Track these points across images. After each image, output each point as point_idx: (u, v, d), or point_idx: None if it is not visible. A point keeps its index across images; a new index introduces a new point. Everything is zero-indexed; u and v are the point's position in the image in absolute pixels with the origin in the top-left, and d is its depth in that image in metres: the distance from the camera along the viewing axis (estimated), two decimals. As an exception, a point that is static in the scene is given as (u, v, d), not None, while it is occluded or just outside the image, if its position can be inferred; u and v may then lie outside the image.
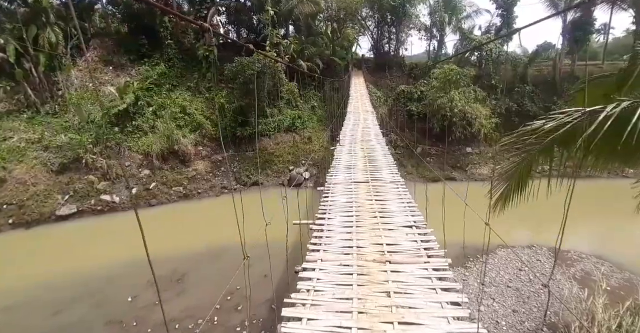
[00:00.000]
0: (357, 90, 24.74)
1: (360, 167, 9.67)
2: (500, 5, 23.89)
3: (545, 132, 4.20)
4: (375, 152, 11.39)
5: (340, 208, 6.73)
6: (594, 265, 11.02)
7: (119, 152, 19.10)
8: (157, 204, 17.58)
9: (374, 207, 6.73)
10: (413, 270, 4.49)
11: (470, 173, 20.89)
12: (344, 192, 7.66)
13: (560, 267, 11.02)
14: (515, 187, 4.86)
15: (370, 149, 11.83)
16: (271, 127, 21.77)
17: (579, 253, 11.88)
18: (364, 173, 9.06)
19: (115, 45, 23.99)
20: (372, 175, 8.83)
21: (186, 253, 12.61)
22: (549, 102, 23.60)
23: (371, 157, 10.69)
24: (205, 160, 20.05)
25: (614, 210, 17.05)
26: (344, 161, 10.46)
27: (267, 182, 20.01)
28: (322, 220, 6.25)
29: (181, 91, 22.55)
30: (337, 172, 9.29)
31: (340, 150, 11.87)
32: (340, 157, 10.98)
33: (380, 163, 10.05)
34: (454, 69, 20.61)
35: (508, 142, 4.84)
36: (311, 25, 25.35)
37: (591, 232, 14.05)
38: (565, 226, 2.91)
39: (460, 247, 12.42)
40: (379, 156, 10.89)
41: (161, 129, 19.28)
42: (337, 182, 8.44)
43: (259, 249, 6.02)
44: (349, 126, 16.29)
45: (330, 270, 4.53)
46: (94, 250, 13.25)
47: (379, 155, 11.04)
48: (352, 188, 7.89)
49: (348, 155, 11.15)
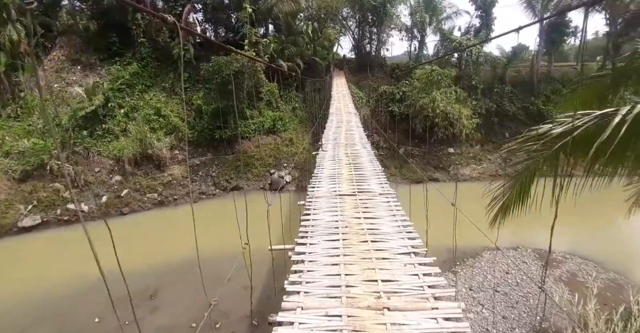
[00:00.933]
0: (339, 91, 24.35)
1: (345, 177, 8.86)
2: (479, 7, 24.13)
3: (552, 137, 3.84)
4: (361, 158, 10.70)
5: (324, 230, 5.81)
6: (578, 266, 11.02)
7: (88, 157, 17.97)
8: (130, 212, 16.58)
9: (364, 227, 5.82)
10: (419, 320, 3.51)
11: (453, 173, 20.87)
12: (327, 207, 6.81)
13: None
14: (516, 197, 4.50)
15: (355, 155, 11.15)
16: (251, 129, 21.09)
17: (563, 253, 11.88)
18: (350, 183, 8.26)
19: (84, 43, 22.68)
20: (359, 186, 8.03)
21: (160, 266, 11.82)
22: (527, 103, 24.01)
23: (357, 165, 9.93)
24: (182, 165, 19.14)
25: (595, 209, 17.37)
26: (327, 169, 9.67)
27: (248, 187, 19.31)
28: (302, 246, 5.29)
29: (155, 92, 21.52)
30: (320, 183, 8.42)
31: (323, 156, 11.08)
32: (322, 164, 10.22)
33: (367, 171, 9.30)
34: (435, 69, 20.57)
35: (510, 149, 4.48)
36: (291, 24, 24.81)
37: (573, 232, 14.14)
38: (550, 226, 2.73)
39: (446, 250, 12.24)
40: (365, 162, 10.18)
41: (134, 132, 18.26)
42: (319, 195, 7.53)
43: (240, 259, 5.60)
44: (332, 129, 15.64)
45: (313, 324, 3.51)
46: (60, 265, 12.25)
47: (365, 161, 10.36)
48: (337, 202, 7.02)
49: (331, 162, 10.35)
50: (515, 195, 4.49)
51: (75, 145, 17.87)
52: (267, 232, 5.92)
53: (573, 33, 24.93)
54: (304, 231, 5.81)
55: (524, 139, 4.30)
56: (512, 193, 4.49)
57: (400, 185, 18.70)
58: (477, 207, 5.53)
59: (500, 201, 4.64)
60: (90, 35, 22.98)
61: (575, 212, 16.10)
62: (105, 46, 22.26)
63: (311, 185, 8.31)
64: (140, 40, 22.07)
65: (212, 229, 14.22)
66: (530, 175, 4.28)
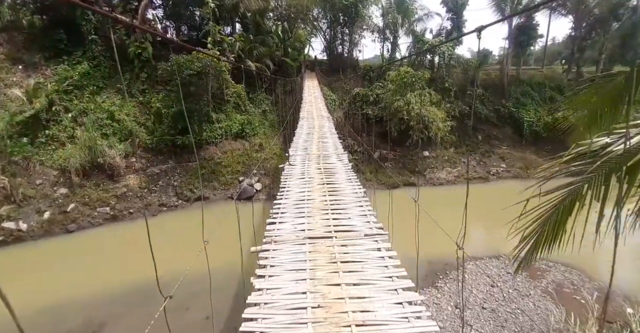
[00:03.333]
0: (311, 93, 23.38)
1: (318, 205, 6.78)
2: (450, 9, 24.06)
3: (597, 156, 2.96)
4: (337, 175, 8.83)
5: (284, 316, 3.70)
6: (563, 275, 10.56)
7: (28, 168, 15.86)
8: (77, 230, 14.68)
9: (348, 309, 3.73)
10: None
11: (429, 177, 20.40)
12: (291, 263, 4.74)
13: (530, 279, 10.40)
14: (549, 233, 3.58)
15: (330, 171, 9.25)
16: (217, 134, 19.61)
17: (546, 261, 11.40)
18: (324, 216, 6.24)
19: (27, 40, 20.34)
20: (337, 220, 6.07)
21: (108, 294, 10.24)
22: (498, 105, 24.11)
23: (332, 186, 7.97)
24: (139, 174, 17.38)
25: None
26: (295, 192, 7.56)
27: (214, 196, 17.83)
28: None
29: (109, 94, 19.56)
30: (283, 217, 6.30)
31: (290, 173, 9.09)
32: (288, 185, 8.13)
33: (346, 196, 7.28)
34: (409, 71, 20.06)
35: (546, 176, 3.56)
36: (260, 23, 23.59)
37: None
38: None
39: (427, 262, 11.51)
40: (343, 182, 8.25)
41: (82, 139, 16.32)
42: (281, 240, 5.40)
43: (200, 283, 4.42)
44: (302, 136, 13.81)
45: None
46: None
47: (342, 179, 8.47)
48: (306, 254, 4.93)
49: (300, 182, 8.31)
50: (548, 231, 3.56)
51: (12, 155, 15.71)
52: (237, 247, 4.87)
53: (541, 36, 25.43)
54: (253, 318, 3.71)
55: (563, 160, 3.40)
56: (546, 227, 3.56)
57: (376, 191, 17.97)
58: (454, 213, 4.90)
59: (532, 239, 3.71)
60: (35, 32, 20.68)
61: None
62: (52, 44, 20.03)
63: (271, 220, 6.17)
64: (92, 38, 20.05)
65: (172, 247, 12.72)
66: (570, 205, 3.38)
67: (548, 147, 22.68)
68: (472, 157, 21.83)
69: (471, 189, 4.26)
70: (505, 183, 20.04)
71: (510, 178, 20.58)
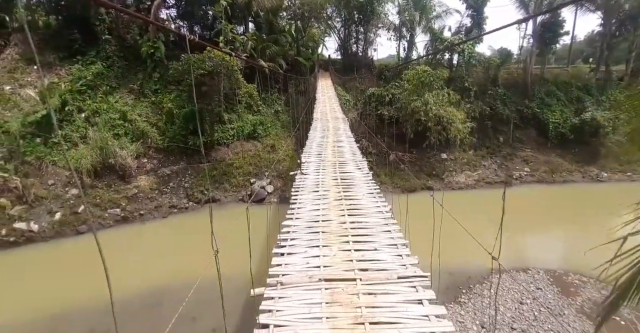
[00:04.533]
0: (325, 93, 22.79)
1: (335, 229, 5.63)
2: (470, 6, 23.09)
3: None
4: (357, 188, 7.56)
5: None
6: (600, 293, 9.65)
7: (41, 168, 15.79)
8: (88, 231, 14.49)
9: None
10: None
11: (447, 181, 19.53)
12: (302, 328, 3.56)
13: (563, 296, 9.55)
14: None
15: (348, 182, 8.04)
16: (229, 135, 19.25)
17: (579, 276, 10.53)
18: (344, 248, 5.01)
19: (42, 40, 20.45)
20: (361, 253, 4.83)
21: (115, 299, 9.88)
22: (521, 105, 23.00)
23: (352, 203, 6.69)
24: (150, 175, 17.15)
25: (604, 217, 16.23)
26: (307, 212, 6.40)
27: (225, 198, 17.45)
28: None
29: (122, 94, 19.45)
30: (294, 247, 5.15)
31: (303, 185, 7.98)
32: (300, 200, 6.99)
33: (369, 217, 6.06)
34: (427, 70, 19.23)
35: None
36: (273, 22, 23.14)
37: (584, 245, 12.84)
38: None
39: (448, 273, 10.75)
40: (364, 198, 6.96)
41: (93, 139, 16.17)
42: (290, 282, 4.28)
43: (209, 291, 4.05)
44: (316, 140, 12.85)
45: None
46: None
47: (362, 194, 7.17)
48: (322, 306, 3.82)
49: (314, 197, 7.15)
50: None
51: (25, 155, 15.68)
52: (246, 253, 4.41)
53: (567, 33, 24.18)
54: None
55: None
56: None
57: (392, 195, 17.26)
58: (477, 219, 4.40)
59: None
60: (50, 32, 20.79)
61: (578, 218, 14.55)
62: (66, 44, 20.09)
63: (278, 250, 5.01)
64: (105, 38, 19.99)
65: (181, 251, 12.37)
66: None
67: (575, 150, 21.51)
68: (493, 160, 20.84)
69: (492, 194, 3.86)
70: (529, 188, 19.01)
71: (535, 183, 19.51)
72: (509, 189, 19.09)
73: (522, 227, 14.42)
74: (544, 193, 18.69)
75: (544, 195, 18.55)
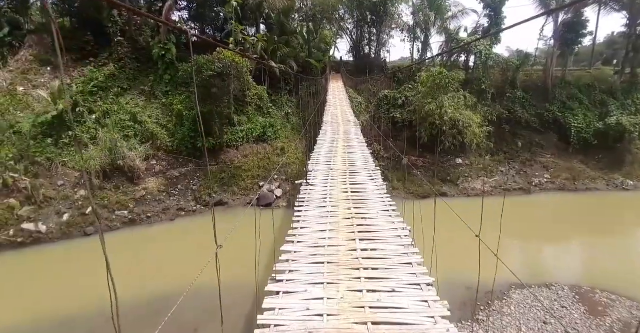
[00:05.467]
0: (336, 96, 22.35)
1: (344, 259, 4.72)
2: (487, 5, 22.31)
3: None
4: (370, 203, 6.56)
5: None
6: (630, 312, 8.90)
7: (51, 169, 15.81)
8: (95, 233, 14.37)
9: None
10: None
11: (462, 187, 18.80)
12: None
13: (590, 316, 8.82)
14: None
15: (360, 196, 7.06)
16: (239, 137, 19.00)
17: (607, 293, 9.75)
18: (355, 287, 4.15)
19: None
20: (377, 296, 3.96)
21: (119, 304, 9.61)
22: (541, 109, 22.08)
23: (365, 224, 5.79)
24: (158, 177, 17.00)
25: (631, 228, 15.31)
26: (312, 233, 5.56)
27: (233, 202, 17.15)
28: None
29: (133, 96, 19.43)
30: (292, 282, 4.30)
31: (308, 198, 6.98)
32: (304, 216, 6.07)
33: (386, 243, 5.15)
34: (442, 72, 18.58)
35: None
36: (284, 23, 22.88)
37: (611, 259, 12.00)
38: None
39: (465, 288, 10.12)
40: (379, 217, 6.01)
41: (102, 141, 16.12)
42: (284, 327, 3.58)
43: (213, 300, 3.82)
44: (325, 145, 12.05)
45: None
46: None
47: (377, 212, 6.22)
48: None
49: (320, 214, 6.22)
50: None
51: (36, 155, 15.72)
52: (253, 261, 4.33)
53: (590, 34, 23.14)
54: None
55: None
56: None
57: (404, 201, 16.65)
58: (492, 229, 4.04)
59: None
60: (63, 34, 20.95)
61: (603, 229, 13.62)
62: (79, 46, 20.29)
63: (273, 286, 4.18)
64: (118, 39, 20.05)
65: (187, 256, 12.07)
66: None
67: (599, 156, 20.49)
68: (511, 165, 20.00)
69: (510, 202, 3.72)
70: (549, 195, 18.13)
71: (556, 191, 18.59)
72: (527, 197, 18.25)
73: (543, 237, 13.66)
74: (565, 202, 17.78)
75: (565, 203, 17.65)
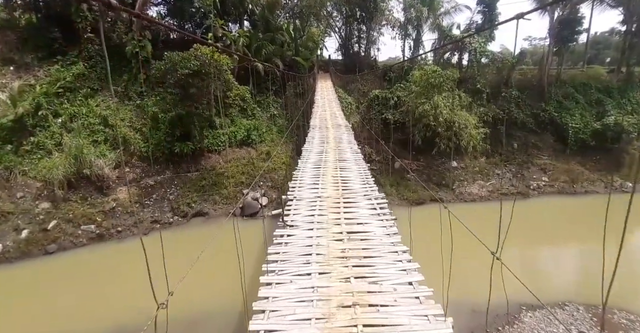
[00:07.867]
0: (324, 96, 21.18)
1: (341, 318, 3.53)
2: (481, 1, 21.46)
3: None
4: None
5: None
6: (655, 337, 7.95)
7: (9, 179, 14.25)
8: (57, 251, 12.92)
9: None
10: None
11: (459, 192, 17.85)
12: None
13: (611, 342, 7.85)
14: None
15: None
16: (221, 141, 17.68)
17: (625, 313, 8.82)
18: None
19: (20, 39, 18.98)
20: None
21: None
22: (537, 109, 21.32)
23: (362, 261, 4.40)
24: (131, 186, 15.57)
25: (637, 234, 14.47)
26: (295, 289, 4.01)
27: (215, 212, 15.83)
28: None
29: (104, 97, 17.90)
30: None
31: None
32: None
33: (394, 293, 3.86)
34: (436, 70, 17.60)
35: None
36: (269, 19, 21.59)
37: (623, 271, 11.09)
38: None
39: (471, 311, 9.03)
40: (384, 257, 4.48)
41: (67, 147, 14.63)
42: None
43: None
44: (311, 157, 9.85)
45: None
46: None
47: (378, 249, 4.65)
48: None
49: (303, 252, 4.68)
50: None
51: (-8, 164, 14.15)
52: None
53: (586, 30, 22.50)
54: None
55: None
56: None
57: (397, 208, 15.61)
58: (491, 238, 3.46)
59: None
60: (29, 30, 19.31)
61: (608, 236, 12.64)
62: (46, 43, 18.62)
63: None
64: (87, 36, 18.45)
65: (162, 273, 10.74)
66: None
67: (596, 158, 19.81)
68: (507, 168, 19.16)
69: (507, 207, 3.35)
70: (549, 199, 17.30)
71: (555, 194, 17.79)
72: (526, 201, 17.39)
73: (546, 245, 12.79)
74: (565, 206, 16.98)
75: (565, 207, 16.84)
